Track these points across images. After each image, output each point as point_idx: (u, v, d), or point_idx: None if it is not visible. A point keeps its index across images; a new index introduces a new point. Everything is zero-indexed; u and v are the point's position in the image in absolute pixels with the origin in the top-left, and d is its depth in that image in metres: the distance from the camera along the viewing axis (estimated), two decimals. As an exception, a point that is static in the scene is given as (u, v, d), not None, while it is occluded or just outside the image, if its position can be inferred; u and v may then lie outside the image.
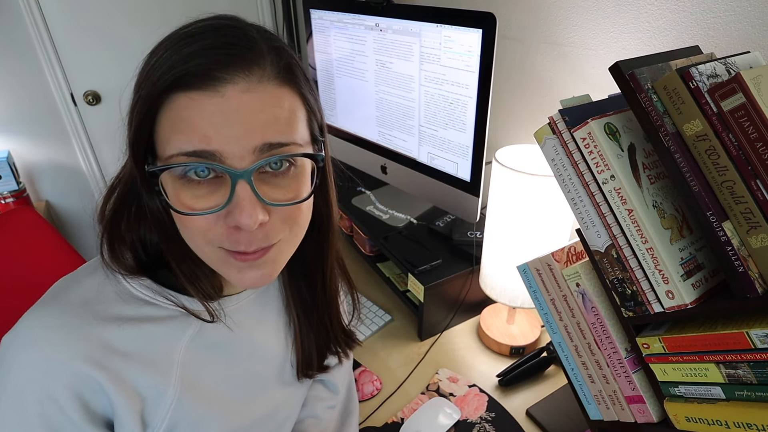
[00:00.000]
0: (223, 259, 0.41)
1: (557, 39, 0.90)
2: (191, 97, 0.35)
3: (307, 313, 0.57)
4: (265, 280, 0.43)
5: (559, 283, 0.59)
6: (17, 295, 0.44)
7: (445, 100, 0.89)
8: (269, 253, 0.42)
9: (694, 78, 0.41)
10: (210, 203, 0.38)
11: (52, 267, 0.42)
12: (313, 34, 1.16)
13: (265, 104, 0.37)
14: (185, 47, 0.36)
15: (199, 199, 0.38)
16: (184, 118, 0.36)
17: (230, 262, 0.41)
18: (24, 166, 1.69)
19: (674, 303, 0.47)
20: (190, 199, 0.38)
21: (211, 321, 0.46)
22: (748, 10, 0.63)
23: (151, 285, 0.45)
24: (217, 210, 0.38)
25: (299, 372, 0.59)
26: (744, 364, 0.43)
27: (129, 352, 0.43)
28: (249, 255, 0.40)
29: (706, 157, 0.42)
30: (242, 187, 0.37)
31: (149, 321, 0.44)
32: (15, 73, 1.56)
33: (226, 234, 0.39)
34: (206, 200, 0.38)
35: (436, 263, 0.95)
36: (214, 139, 0.36)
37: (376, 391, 0.86)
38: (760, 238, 0.41)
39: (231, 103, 0.36)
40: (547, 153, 0.53)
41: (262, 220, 0.38)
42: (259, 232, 0.39)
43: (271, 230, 0.40)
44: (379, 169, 1.14)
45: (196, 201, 0.38)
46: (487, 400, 0.84)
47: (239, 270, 0.41)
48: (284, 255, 0.44)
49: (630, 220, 0.48)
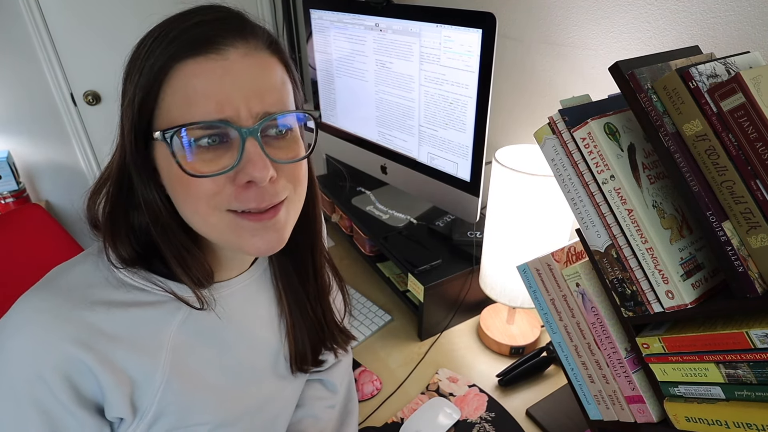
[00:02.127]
0: (233, 224, 0.42)
1: (557, 39, 0.90)
2: (198, 63, 0.38)
3: (299, 304, 0.57)
4: (277, 244, 0.44)
5: (559, 283, 0.59)
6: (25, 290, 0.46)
7: (445, 100, 0.89)
8: (280, 214, 0.43)
9: (694, 78, 0.41)
10: (220, 165, 0.40)
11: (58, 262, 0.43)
12: (313, 34, 1.16)
13: (263, 70, 0.41)
14: (184, 22, 0.39)
15: (208, 163, 0.40)
16: (195, 87, 0.38)
17: (242, 226, 0.42)
18: (24, 166, 1.69)
19: (674, 303, 0.47)
20: (200, 165, 0.40)
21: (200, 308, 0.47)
22: (748, 10, 0.63)
23: (140, 272, 0.46)
24: (229, 170, 0.39)
25: (293, 365, 0.59)
26: (744, 364, 0.43)
27: (117, 335, 0.43)
28: (262, 215, 0.42)
29: (706, 157, 0.42)
30: (251, 143, 0.39)
31: (138, 305, 0.45)
32: (15, 73, 1.56)
33: (235, 194, 0.41)
34: (215, 163, 0.40)
35: (436, 263, 0.95)
36: (226, 103, 0.38)
37: (376, 391, 0.86)
38: (760, 238, 0.41)
39: (234, 66, 0.39)
40: (547, 153, 0.53)
41: (272, 175, 0.40)
42: (269, 188, 0.41)
43: (279, 187, 0.42)
44: (379, 169, 1.14)
45: (205, 165, 0.40)
46: (487, 400, 0.84)
47: (252, 233, 0.43)
48: (291, 217, 0.46)
49: (630, 220, 0.48)
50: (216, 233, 0.43)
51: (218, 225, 0.42)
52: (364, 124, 1.13)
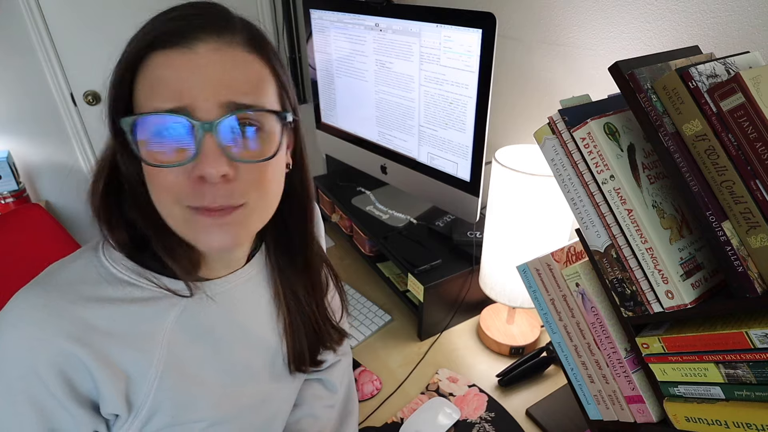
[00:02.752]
0: (189, 219, 0.42)
1: (557, 39, 0.90)
2: (167, 55, 0.38)
3: (297, 303, 0.57)
4: (231, 242, 0.43)
5: (559, 283, 0.59)
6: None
7: (444, 100, 0.89)
8: (235, 214, 0.42)
9: (694, 78, 0.41)
10: (178, 157, 0.40)
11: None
12: (313, 34, 1.16)
13: (235, 64, 0.40)
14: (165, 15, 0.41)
15: (169, 154, 0.40)
16: (159, 77, 0.38)
17: (196, 221, 0.42)
18: (24, 166, 1.69)
19: (674, 303, 0.47)
20: (160, 155, 0.40)
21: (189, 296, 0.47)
22: (748, 10, 0.63)
23: (134, 267, 0.46)
24: (186, 162, 0.39)
25: (291, 365, 0.59)
26: (743, 364, 0.43)
27: (111, 331, 0.43)
28: (212, 212, 0.41)
29: (706, 157, 0.42)
30: (209, 137, 0.39)
31: (132, 302, 0.45)
32: (15, 73, 1.56)
33: (191, 188, 0.40)
34: (175, 154, 0.40)
35: (435, 263, 0.95)
36: (186, 94, 0.38)
37: (376, 390, 0.86)
38: (760, 238, 0.41)
39: (202, 60, 0.39)
40: (547, 153, 0.53)
41: (226, 172, 0.39)
42: (222, 187, 0.40)
43: (236, 189, 0.41)
44: (379, 169, 1.14)
45: (165, 156, 0.40)
46: (487, 400, 0.84)
47: (205, 229, 0.42)
48: (252, 221, 0.45)
49: (629, 220, 0.48)
50: (175, 226, 0.43)
51: (178, 219, 0.42)
52: (364, 124, 1.13)
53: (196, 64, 0.38)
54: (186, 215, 0.41)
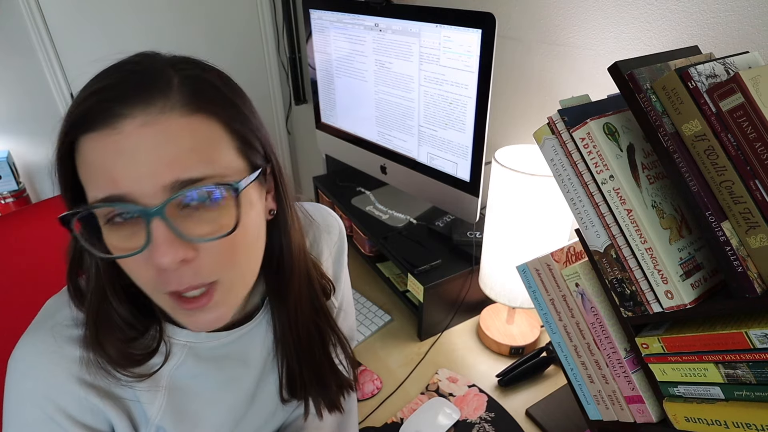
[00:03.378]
0: (171, 305, 0.40)
1: (557, 39, 0.90)
2: (92, 138, 0.34)
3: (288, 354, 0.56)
4: (217, 323, 0.42)
5: (559, 284, 0.59)
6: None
7: (444, 100, 0.89)
8: (214, 297, 0.40)
9: (693, 78, 0.41)
10: (132, 244, 0.36)
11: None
12: (312, 34, 1.16)
13: (170, 137, 0.35)
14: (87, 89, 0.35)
15: (123, 240, 0.37)
16: (90, 163, 0.35)
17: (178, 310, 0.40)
18: (24, 166, 1.69)
19: (673, 303, 0.47)
20: (116, 241, 0.37)
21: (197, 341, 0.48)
22: (747, 10, 0.63)
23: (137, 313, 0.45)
24: (138, 252, 0.35)
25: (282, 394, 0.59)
26: (743, 364, 0.43)
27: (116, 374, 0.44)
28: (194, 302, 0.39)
29: (705, 157, 0.42)
30: (156, 225, 0.35)
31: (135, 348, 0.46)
32: (15, 72, 1.56)
33: (156, 275, 0.37)
34: (129, 241, 0.36)
35: (435, 263, 0.95)
36: (121, 181, 0.34)
37: (377, 390, 0.86)
38: (759, 238, 0.41)
39: (130, 140, 0.34)
40: (546, 153, 0.53)
41: (185, 257, 0.36)
42: (186, 270, 0.37)
43: (202, 268, 0.38)
44: (379, 169, 1.14)
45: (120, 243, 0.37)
46: (487, 400, 0.84)
47: (189, 315, 0.40)
48: (233, 295, 0.42)
49: (629, 220, 0.48)
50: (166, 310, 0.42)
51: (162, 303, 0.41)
52: (364, 124, 1.13)
53: (124, 146, 0.33)
54: (167, 302, 0.40)
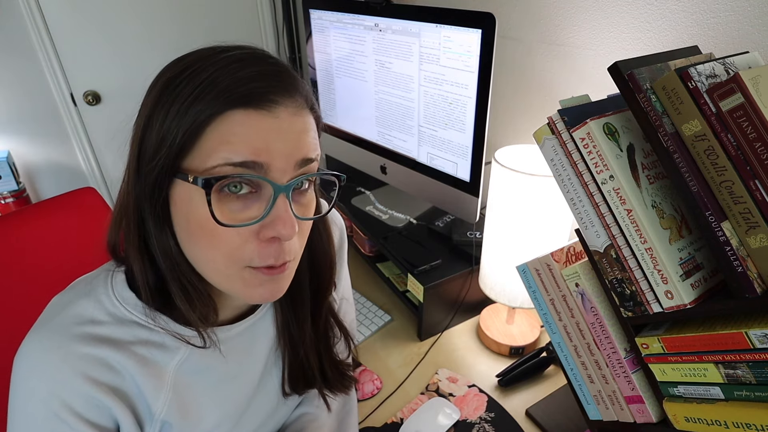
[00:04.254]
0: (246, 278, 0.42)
1: (557, 39, 0.90)
2: (248, 114, 0.38)
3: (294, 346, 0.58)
4: (278, 294, 0.44)
5: (559, 284, 0.59)
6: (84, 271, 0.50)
7: (444, 100, 0.89)
8: (287, 268, 0.44)
9: (693, 78, 0.41)
10: (247, 216, 0.40)
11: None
12: (312, 34, 1.16)
13: (306, 126, 0.42)
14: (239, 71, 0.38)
15: (235, 213, 0.39)
16: (236, 132, 0.38)
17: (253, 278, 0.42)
18: (24, 166, 1.69)
19: (673, 303, 0.47)
20: (227, 213, 0.39)
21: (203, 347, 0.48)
22: (747, 10, 0.63)
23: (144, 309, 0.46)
24: (257, 221, 0.39)
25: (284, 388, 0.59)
26: (743, 364, 0.43)
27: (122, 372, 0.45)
28: (275, 269, 0.42)
29: (705, 157, 0.42)
30: (282, 200, 0.39)
31: (142, 344, 0.46)
32: (15, 73, 1.56)
33: (258, 249, 0.40)
34: (242, 214, 0.40)
35: (435, 263, 0.95)
36: (264, 152, 0.38)
37: (377, 390, 0.86)
38: (759, 238, 0.41)
39: (283, 123, 0.39)
40: (546, 153, 0.53)
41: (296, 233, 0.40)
42: (287, 244, 0.42)
43: (295, 245, 0.43)
44: (379, 169, 1.14)
45: (231, 214, 0.39)
46: (487, 400, 0.84)
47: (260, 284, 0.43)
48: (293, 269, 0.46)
49: (629, 220, 0.48)
50: (226, 283, 0.43)
51: (231, 279, 0.42)
52: (364, 124, 1.13)
53: (277, 127, 0.39)
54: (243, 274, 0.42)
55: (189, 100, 0.38)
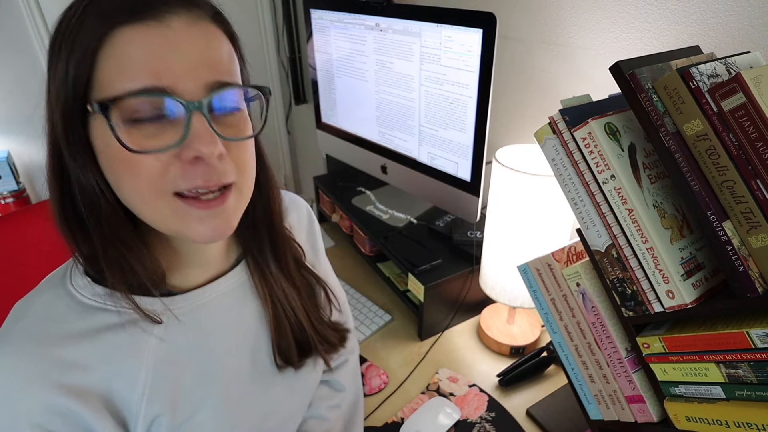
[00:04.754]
0: (180, 210, 0.39)
1: (557, 39, 0.90)
2: (136, 30, 0.34)
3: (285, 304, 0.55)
4: (224, 231, 0.42)
5: (560, 283, 0.59)
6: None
7: (445, 100, 0.89)
8: (228, 201, 0.41)
9: (695, 78, 0.41)
10: (163, 141, 0.36)
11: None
12: (313, 34, 1.16)
13: (210, 41, 0.38)
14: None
15: (151, 138, 0.36)
16: (129, 54, 0.34)
17: (188, 212, 0.39)
18: (24, 166, 1.69)
19: (674, 303, 0.47)
20: (141, 140, 0.36)
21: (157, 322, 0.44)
22: (748, 10, 0.63)
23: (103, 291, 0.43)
24: (174, 145, 0.37)
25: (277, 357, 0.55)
26: (744, 364, 0.43)
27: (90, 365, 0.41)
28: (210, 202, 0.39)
29: (707, 156, 0.42)
30: (198, 118, 0.37)
31: (109, 329, 0.43)
32: (15, 72, 1.56)
33: (182, 172, 0.37)
34: (158, 139, 0.36)
35: (436, 263, 0.95)
36: (164, 74, 0.35)
37: (383, 384, 0.86)
38: (761, 237, 0.41)
39: (178, 34, 0.36)
40: (548, 153, 0.53)
41: (221, 152, 0.38)
42: (218, 165, 0.39)
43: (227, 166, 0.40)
44: (379, 169, 1.14)
45: (147, 141, 0.36)
46: (487, 399, 0.84)
47: (199, 220, 0.40)
48: (240, 205, 0.43)
49: (630, 219, 0.48)
50: (161, 220, 0.40)
51: (163, 210, 0.39)
52: (365, 124, 1.13)
53: (172, 40, 0.35)
54: (176, 206, 0.39)
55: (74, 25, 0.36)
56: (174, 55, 0.35)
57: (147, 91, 0.35)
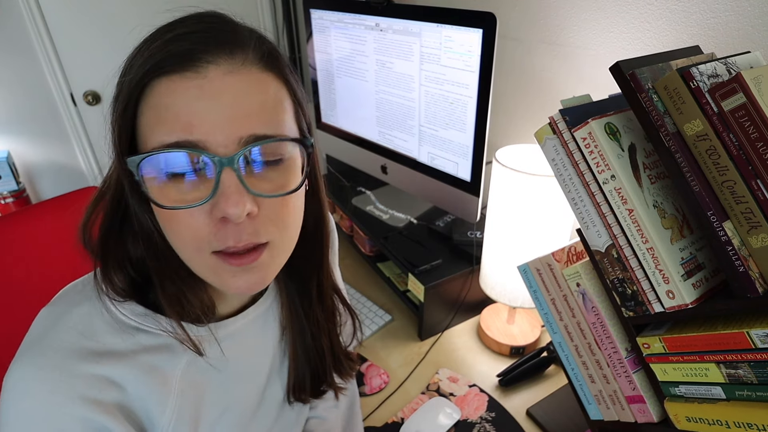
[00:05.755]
0: (216, 267, 0.39)
1: (557, 39, 0.90)
2: (172, 80, 0.34)
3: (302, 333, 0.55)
4: (258, 286, 0.41)
5: (560, 283, 0.59)
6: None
7: (445, 100, 0.89)
8: (262, 257, 0.39)
9: (695, 78, 0.41)
10: (194, 197, 0.36)
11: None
12: (313, 34, 1.16)
13: (250, 88, 0.36)
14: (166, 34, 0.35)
15: (184, 193, 0.36)
16: (166, 106, 0.34)
17: (224, 268, 0.39)
18: (24, 166, 1.69)
19: (675, 303, 0.47)
20: (175, 194, 0.36)
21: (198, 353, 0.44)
22: (748, 10, 0.63)
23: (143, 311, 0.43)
24: (203, 202, 0.35)
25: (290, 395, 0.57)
26: (744, 364, 0.43)
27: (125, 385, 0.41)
28: (243, 258, 0.38)
29: (707, 156, 0.42)
30: (228, 174, 0.35)
31: (146, 351, 0.43)
32: (15, 72, 1.56)
33: (215, 230, 0.37)
34: (191, 195, 0.36)
35: (436, 263, 0.95)
36: (197, 127, 0.34)
37: (384, 384, 0.86)
38: (761, 237, 0.41)
39: (214, 85, 0.34)
40: (548, 153, 0.53)
41: (251, 210, 0.36)
42: (247, 226, 0.37)
43: (260, 226, 0.38)
44: (379, 169, 1.14)
45: (180, 195, 0.36)
46: (488, 400, 0.84)
47: (233, 274, 0.39)
48: (277, 261, 0.42)
49: (630, 220, 0.48)
50: (200, 272, 0.40)
51: (202, 266, 0.39)
52: (365, 124, 1.13)
53: (207, 91, 0.34)
54: (211, 262, 0.38)
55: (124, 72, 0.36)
56: (207, 108, 0.34)
57: (179, 146, 0.34)
